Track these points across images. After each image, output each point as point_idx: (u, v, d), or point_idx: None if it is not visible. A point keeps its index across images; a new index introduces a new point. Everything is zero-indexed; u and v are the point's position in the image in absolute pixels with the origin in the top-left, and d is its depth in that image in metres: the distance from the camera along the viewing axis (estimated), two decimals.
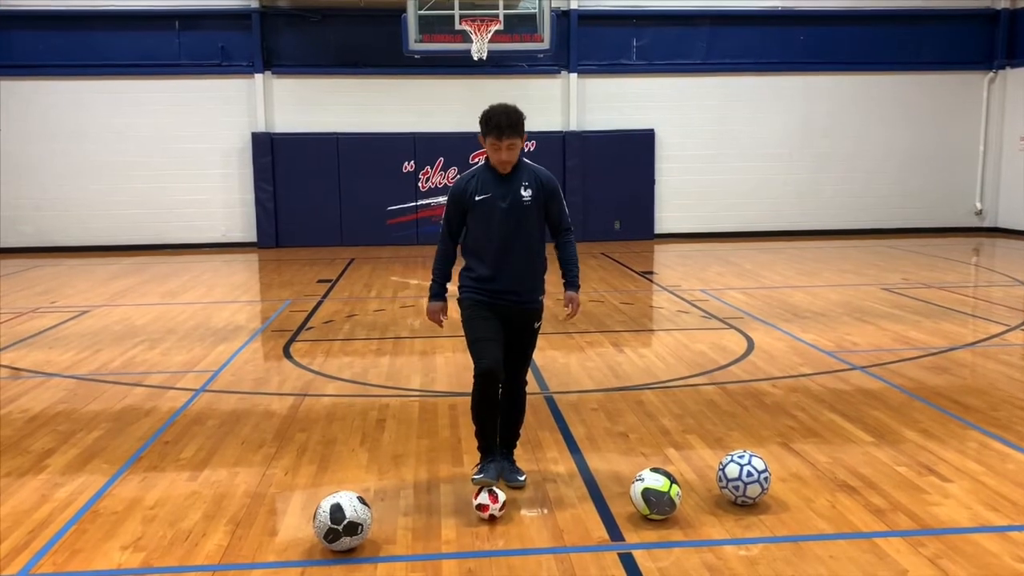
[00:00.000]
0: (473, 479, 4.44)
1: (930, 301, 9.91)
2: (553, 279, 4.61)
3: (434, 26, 13.96)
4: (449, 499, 4.45)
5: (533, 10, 14.05)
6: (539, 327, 4.63)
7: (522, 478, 4.62)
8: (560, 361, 7.41)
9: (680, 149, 17.12)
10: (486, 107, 4.42)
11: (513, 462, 4.72)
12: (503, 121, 4.31)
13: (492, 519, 4.17)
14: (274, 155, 16.30)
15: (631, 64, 16.94)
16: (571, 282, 4.63)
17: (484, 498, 4.18)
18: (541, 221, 4.54)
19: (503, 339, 4.46)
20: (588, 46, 16.75)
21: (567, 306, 4.65)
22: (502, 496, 4.21)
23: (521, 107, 4.45)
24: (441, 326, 4.69)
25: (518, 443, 4.80)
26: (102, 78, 16.10)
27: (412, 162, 16.50)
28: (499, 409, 4.52)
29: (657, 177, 17.11)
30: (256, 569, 3.77)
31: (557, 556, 3.83)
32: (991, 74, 17.44)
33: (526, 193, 4.43)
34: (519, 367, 4.62)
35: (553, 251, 4.68)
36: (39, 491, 4.64)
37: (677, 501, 4.11)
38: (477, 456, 4.84)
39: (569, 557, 3.81)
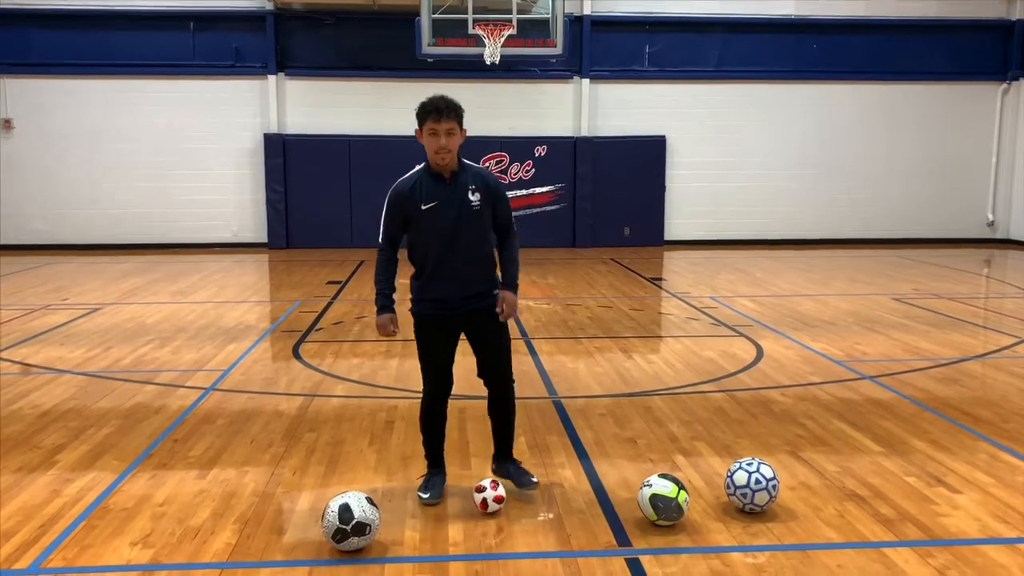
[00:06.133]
0: (419, 496, 4.43)
1: (941, 312, 9.87)
2: (569, 286, 4.61)
3: (447, 30, 13.98)
4: (457, 501, 4.44)
5: (546, 15, 14.07)
6: (505, 322, 4.46)
7: (535, 479, 4.56)
8: (569, 366, 7.42)
9: (691, 156, 17.12)
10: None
11: (518, 464, 4.64)
12: (441, 103, 4.14)
13: (484, 505, 4.24)
14: (286, 156, 16.37)
15: (643, 70, 16.96)
16: (508, 282, 4.43)
17: (486, 482, 4.29)
18: (489, 224, 4.38)
19: (454, 354, 4.44)
20: (600, 52, 16.76)
21: (499, 308, 4.37)
22: (501, 487, 4.31)
23: (533, 112, 4.46)
24: (394, 336, 4.48)
25: (525, 445, 4.79)
26: (116, 77, 16.21)
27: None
28: (445, 421, 4.55)
29: (668, 183, 17.11)
30: (264, 568, 3.79)
31: (564, 560, 3.83)
32: (1005, 85, 17.40)
33: (474, 197, 4.26)
34: (498, 365, 4.48)
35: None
36: (49, 486, 4.66)
37: (685, 507, 4.11)
38: (485, 459, 4.88)
39: (576, 561, 3.82)
